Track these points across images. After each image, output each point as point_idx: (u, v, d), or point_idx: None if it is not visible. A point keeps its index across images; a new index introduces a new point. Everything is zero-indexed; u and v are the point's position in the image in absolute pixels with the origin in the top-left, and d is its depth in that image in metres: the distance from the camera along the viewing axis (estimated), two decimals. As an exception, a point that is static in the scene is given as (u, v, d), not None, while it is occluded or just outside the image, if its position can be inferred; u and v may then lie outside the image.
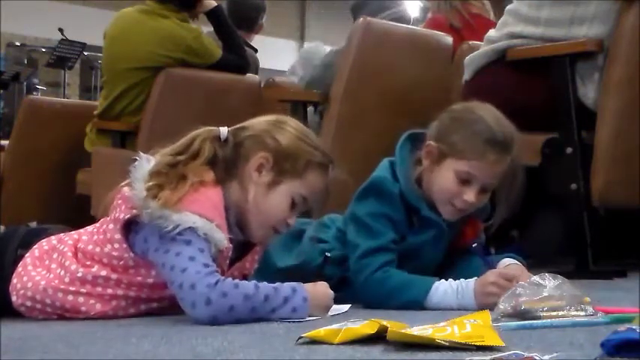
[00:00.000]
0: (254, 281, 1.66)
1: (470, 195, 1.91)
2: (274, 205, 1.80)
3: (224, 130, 1.82)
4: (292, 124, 1.86)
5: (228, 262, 1.77)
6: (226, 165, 1.80)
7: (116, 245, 1.74)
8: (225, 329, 1.51)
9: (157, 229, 1.66)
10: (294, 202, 1.81)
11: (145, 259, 1.72)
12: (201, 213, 1.67)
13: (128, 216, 1.71)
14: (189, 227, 1.64)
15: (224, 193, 1.76)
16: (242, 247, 1.83)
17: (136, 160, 1.74)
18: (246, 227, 1.81)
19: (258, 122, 1.86)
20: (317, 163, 1.82)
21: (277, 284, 1.67)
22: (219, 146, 1.81)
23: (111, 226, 1.75)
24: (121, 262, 1.74)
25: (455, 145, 1.91)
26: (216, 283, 1.60)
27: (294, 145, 1.81)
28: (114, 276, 1.74)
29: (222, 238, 1.68)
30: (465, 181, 1.91)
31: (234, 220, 1.79)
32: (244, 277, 1.79)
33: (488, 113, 1.93)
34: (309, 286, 1.71)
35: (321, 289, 1.73)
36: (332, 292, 1.75)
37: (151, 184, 1.68)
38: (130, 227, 1.73)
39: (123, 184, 1.79)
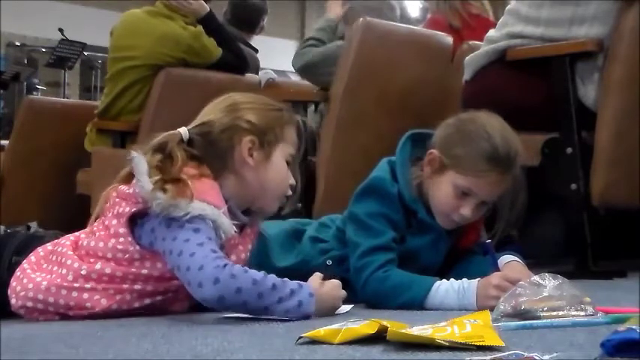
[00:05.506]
0: (263, 271, 1.67)
1: (466, 209, 1.91)
2: (276, 176, 1.87)
3: (184, 132, 1.84)
4: (245, 100, 1.90)
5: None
6: (212, 161, 1.82)
7: (121, 239, 1.75)
8: (225, 329, 1.51)
9: (165, 219, 1.68)
10: (288, 163, 1.89)
11: (152, 251, 1.74)
12: (208, 201, 1.70)
13: (134, 209, 1.73)
14: (199, 215, 1.67)
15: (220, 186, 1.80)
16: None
17: (131, 158, 1.75)
18: (258, 207, 1.90)
19: (216, 113, 1.87)
20: (286, 121, 1.90)
21: (285, 279, 1.67)
22: (188, 146, 1.82)
23: (114, 221, 1.76)
24: (127, 256, 1.74)
25: (457, 158, 1.90)
26: (225, 265, 1.61)
27: (264, 118, 1.87)
28: (119, 272, 1.75)
29: (229, 224, 1.72)
30: (463, 194, 1.91)
31: (236, 209, 1.83)
32: None
33: (496, 129, 1.90)
34: (315, 284, 1.70)
35: (327, 288, 1.72)
36: (342, 292, 1.75)
37: (157, 178, 1.70)
38: (134, 221, 1.75)
39: (114, 185, 1.82)
